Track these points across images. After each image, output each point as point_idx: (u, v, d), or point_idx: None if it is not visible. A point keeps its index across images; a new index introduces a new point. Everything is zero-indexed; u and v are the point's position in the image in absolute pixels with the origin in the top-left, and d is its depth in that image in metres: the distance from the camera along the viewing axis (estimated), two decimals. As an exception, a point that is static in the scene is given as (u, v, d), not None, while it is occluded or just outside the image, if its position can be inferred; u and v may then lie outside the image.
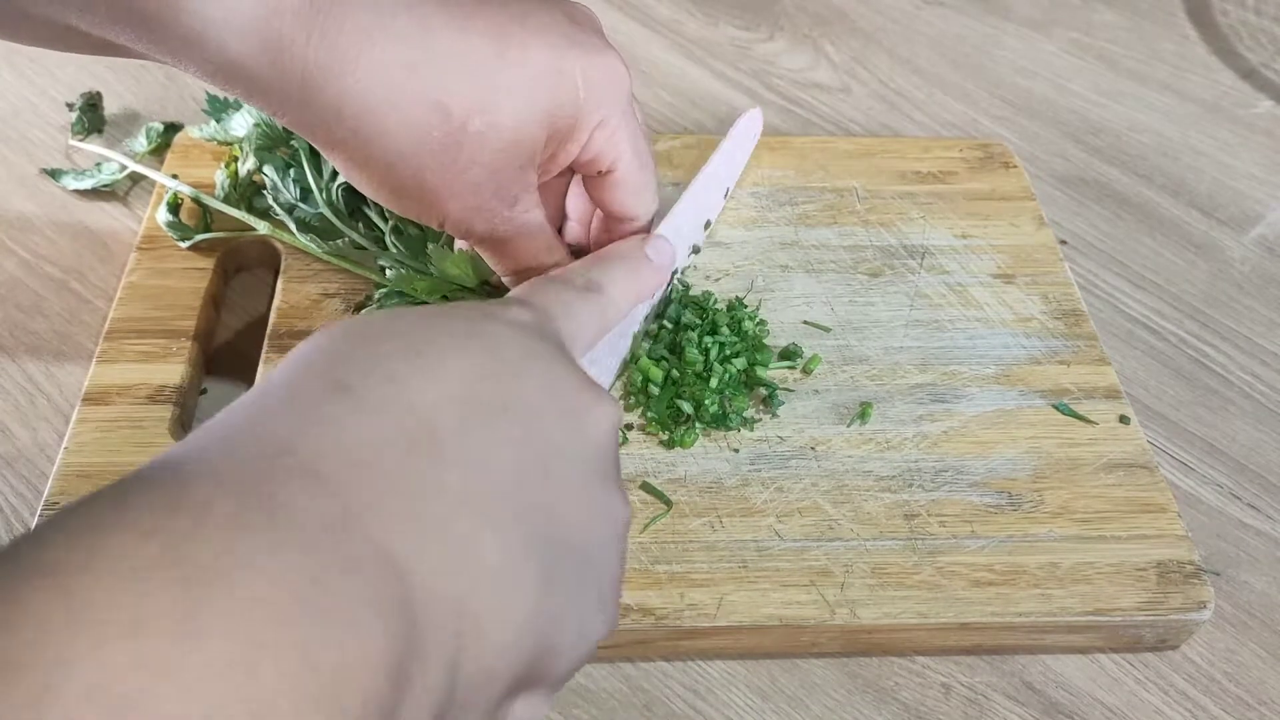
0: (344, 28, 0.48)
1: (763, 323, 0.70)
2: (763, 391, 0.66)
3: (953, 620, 0.58)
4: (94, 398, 0.63)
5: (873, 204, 0.80)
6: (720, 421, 0.64)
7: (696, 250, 0.72)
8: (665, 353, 0.66)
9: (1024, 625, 0.58)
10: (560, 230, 0.65)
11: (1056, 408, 0.68)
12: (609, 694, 0.57)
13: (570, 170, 0.60)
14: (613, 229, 0.62)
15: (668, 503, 0.61)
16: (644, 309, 0.65)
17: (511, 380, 0.39)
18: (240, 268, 0.75)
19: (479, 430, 0.36)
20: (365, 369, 0.36)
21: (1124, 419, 0.67)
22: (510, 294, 0.50)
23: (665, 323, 0.67)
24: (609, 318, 0.53)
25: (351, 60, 0.48)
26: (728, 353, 0.66)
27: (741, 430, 0.65)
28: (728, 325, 0.68)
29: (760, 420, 0.65)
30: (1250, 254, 0.84)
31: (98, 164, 0.79)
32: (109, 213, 0.77)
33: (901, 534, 0.61)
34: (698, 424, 0.64)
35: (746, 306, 0.70)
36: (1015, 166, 0.84)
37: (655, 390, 0.64)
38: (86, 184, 0.78)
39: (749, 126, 0.79)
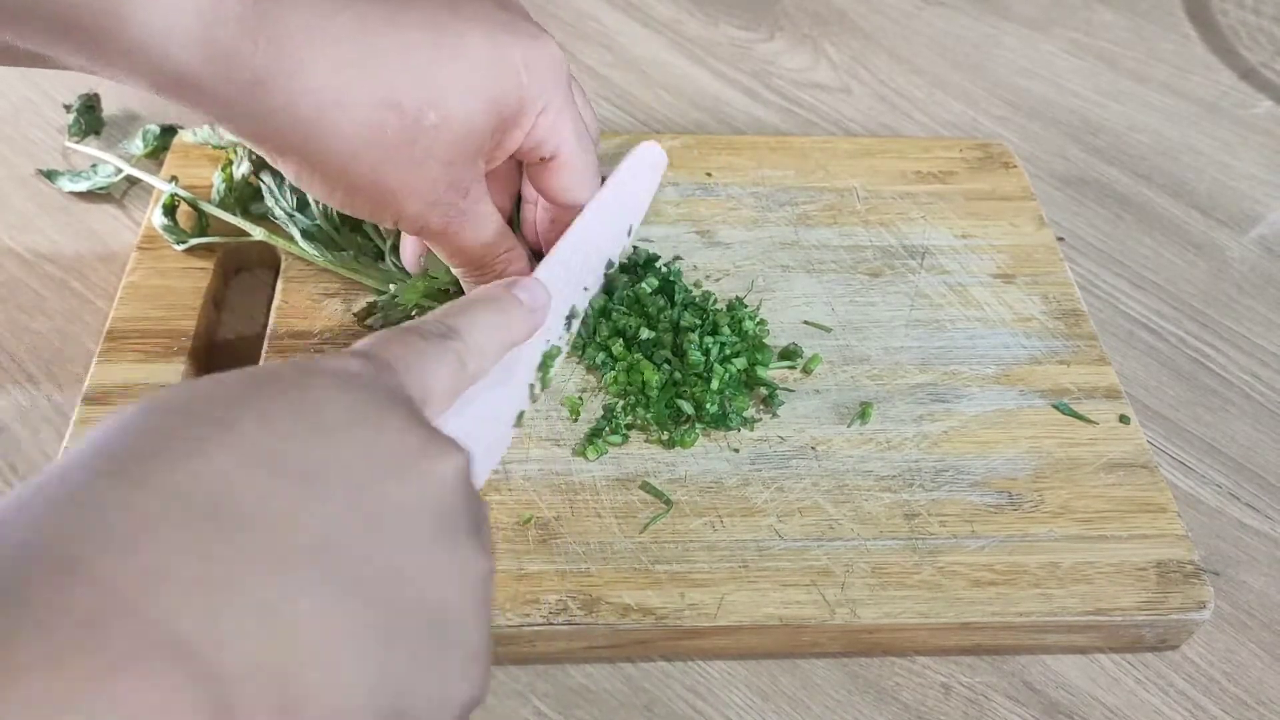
0: (287, 31, 0.48)
1: (763, 323, 0.70)
2: (763, 391, 0.66)
3: (953, 620, 0.58)
4: (94, 398, 0.63)
5: (873, 204, 0.80)
6: (721, 422, 0.64)
7: (597, 289, 0.70)
8: (669, 355, 0.66)
9: (1024, 625, 0.58)
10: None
11: (1057, 407, 0.68)
12: (609, 694, 0.57)
13: (518, 164, 0.62)
14: (557, 219, 0.63)
15: (668, 503, 0.61)
16: (533, 357, 0.63)
17: (326, 439, 0.35)
18: (240, 268, 0.75)
19: (283, 494, 0.33)
20: (145, 449, 0.32)
21: (1124, 419, 0.67)
22: (354, 345, 0.44)
23: (664, 325, 0.67)
24: (470, 367, 0.47)
25: (299, 63, 0.49)
26: (728, 353, 0.66)
27: (742, 430, 0.65)
28: (728, 325, 0.68)
29: (760, 420, 0.66)
30: (1250, 254, 0.84)
31: (93, 166, 0.79)
32: (109, 213, 0.77)
33: (902, 534, 0.61)
34: (698, 424, 0.64)
35: (747, 306, 0.70)
36: (1015, 166, 0.84)
37: (654, 393, 0.64)
38: (82, 186, 0.78)
39: (645, 160, 0.74)
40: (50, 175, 0.79)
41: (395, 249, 0.68)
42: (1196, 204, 0.88)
